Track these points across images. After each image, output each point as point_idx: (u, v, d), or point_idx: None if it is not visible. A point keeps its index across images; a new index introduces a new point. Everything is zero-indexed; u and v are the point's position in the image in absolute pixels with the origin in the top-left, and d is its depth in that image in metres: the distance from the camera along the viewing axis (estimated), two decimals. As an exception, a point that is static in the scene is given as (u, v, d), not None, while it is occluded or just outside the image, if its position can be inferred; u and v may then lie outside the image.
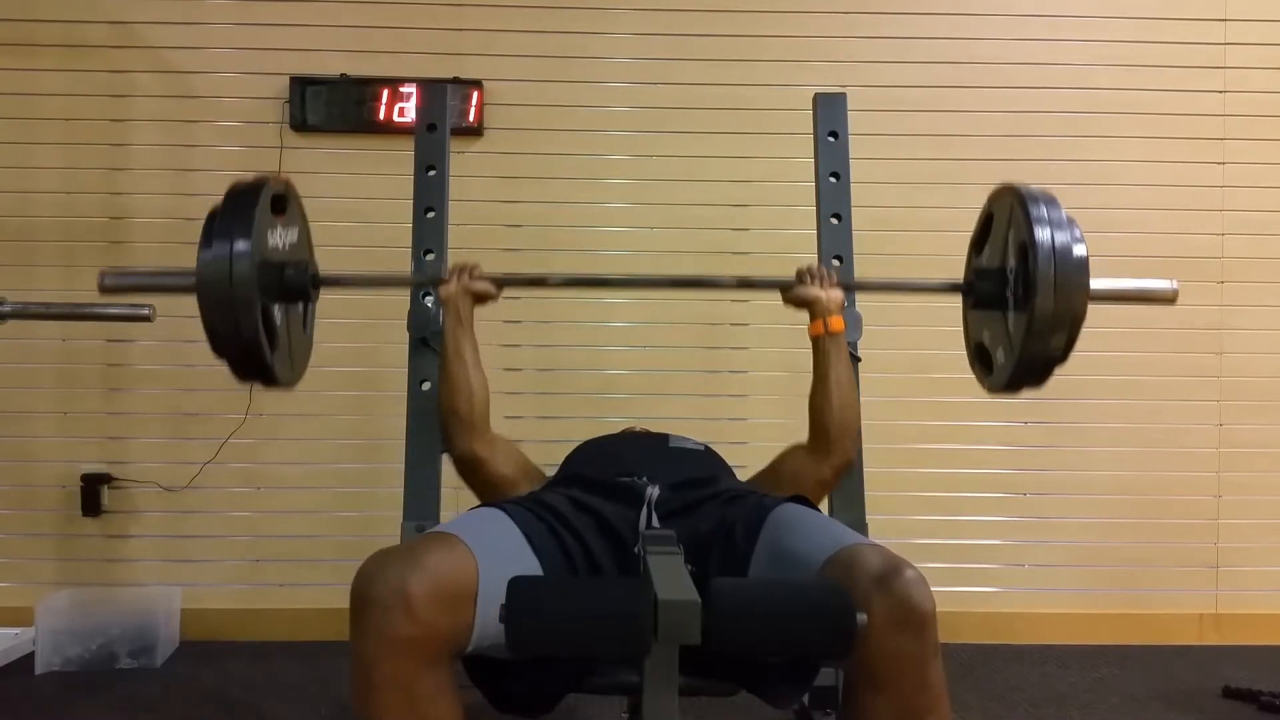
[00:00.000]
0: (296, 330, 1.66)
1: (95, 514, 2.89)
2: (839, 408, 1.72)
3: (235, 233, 1.39)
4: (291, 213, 1.62)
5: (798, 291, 1.77)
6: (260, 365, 1.45)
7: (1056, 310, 1.42)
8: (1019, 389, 1.57)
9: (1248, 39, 3.01)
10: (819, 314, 1.75)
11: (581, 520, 1.43)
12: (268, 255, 1.48)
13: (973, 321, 1.77)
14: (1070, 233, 1.48)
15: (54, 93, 2.92)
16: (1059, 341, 1.47)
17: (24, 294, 2.60)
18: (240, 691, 2.48)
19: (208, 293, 1.38)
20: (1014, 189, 1.56)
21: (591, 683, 1.37)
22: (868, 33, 3.01)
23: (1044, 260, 1.43)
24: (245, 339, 1.41)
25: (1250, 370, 3.02)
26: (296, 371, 1.65)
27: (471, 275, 1.75)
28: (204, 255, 1.39)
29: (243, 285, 1.37)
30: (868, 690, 1.16)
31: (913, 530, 2.90)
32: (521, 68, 2.97)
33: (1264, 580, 3.01)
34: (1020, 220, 1.51)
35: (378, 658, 1.11)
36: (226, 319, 1.38)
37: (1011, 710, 2.40)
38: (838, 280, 1.80)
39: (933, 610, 1.14)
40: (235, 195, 1.45)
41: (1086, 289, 1.47)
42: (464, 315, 1.74)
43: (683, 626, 0.99)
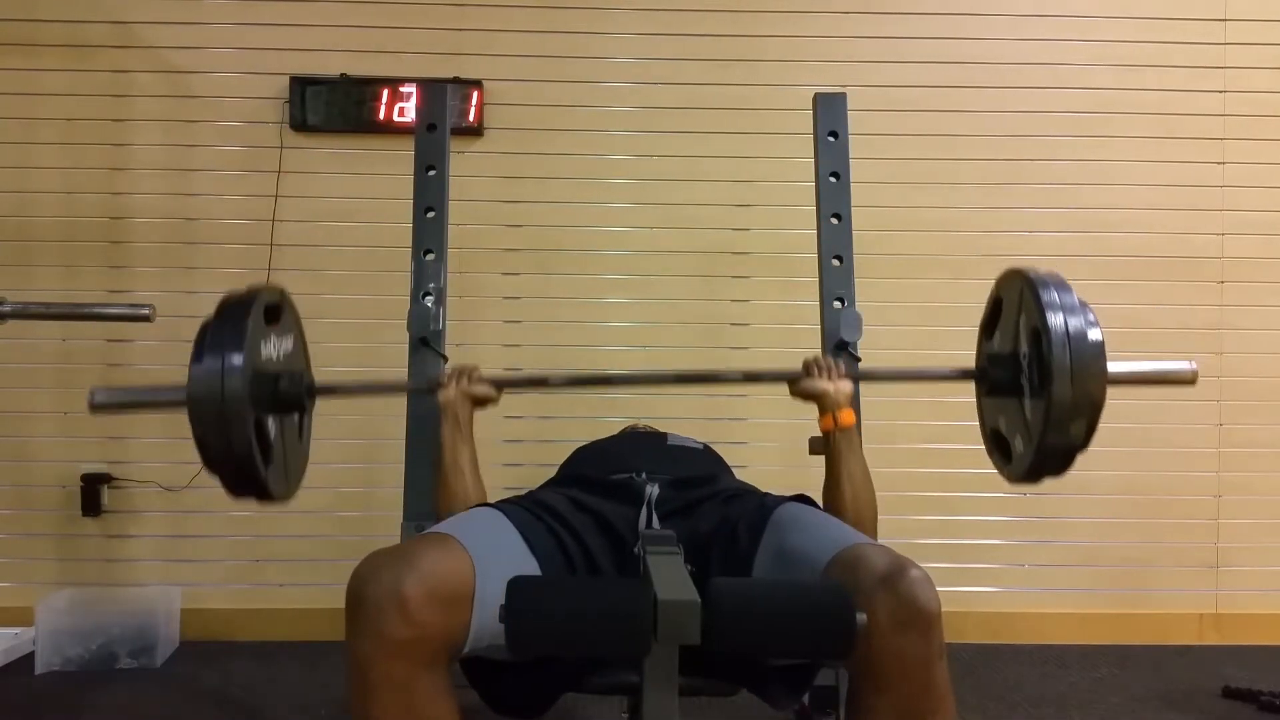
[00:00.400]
0: (292, 441, 1.60)
1: (95, 514, 2.89)
2: (853, 502, 1.67)
3: (227, 346, 1.34)
4: (286, 321, 1.57)
5: (805, 385, 1.72)
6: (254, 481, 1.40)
7: (1075, 398, 1.39)
8: (1040, 479, 1.52)
9: (1248, 39, 3.01)
10: (828, 408, 1.70)
11: (580, 520, 1.42)
12: (261, 367, 1.44)
13: (987, 409, 1.73)
14: (1084, 317, 1.45)
15: (55, 93, 2.92)
16: (1079, 429, 1.44)
17: (24, 294, 2.61)
18: (240, 691, 2.48)
19: (199, 409, 1.34)
20: (1022, 273, 1.53)
21: (591, 683, 1.37)
22: (867, 33, 3.01)
23: (1058, 347, 1.39)
24: (238, 456, 1.36)
25: (1250, 370, 3.02)
26: (292, 485, 1.61)
27: (470, 379, 1.70)
28: (195, 370, 1.35)
29: (235, 401, 1.33)
30: (871, 691, 1.15)
31: (913, 530, 2.90)
32: (521, 68, 2.97)
33: (1264, 580, 3.01)
34: (1031, 305, 1.47)
35: (373, 659, 1.11)
36: (219, 435, 1.34)
37: (1011, 710, 2.40)
38: (846, 371, 1.75)
39: (938, 610, 1.13)
40: (227, 307, 1.41)
41: (1104, 375, 1.44)
42: (463, 421, 1.68)
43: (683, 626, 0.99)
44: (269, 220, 2.91)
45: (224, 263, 2.91)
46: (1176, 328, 3.00)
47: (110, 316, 2.75)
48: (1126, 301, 3.00)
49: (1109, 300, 2.99)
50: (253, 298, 1.43)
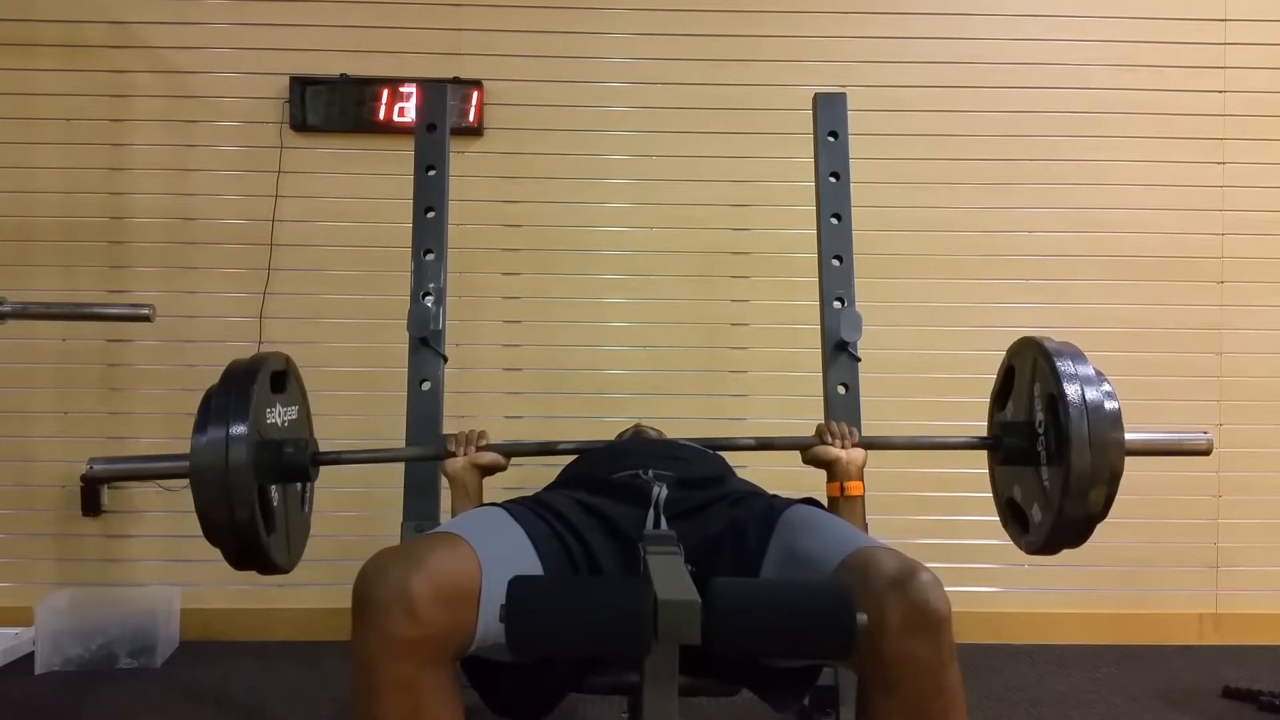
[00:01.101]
0: (294, 510, 1.59)
1: (95, 514, 2.89)
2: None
3: (232, 415, 1.33)
4: (291, 391, 1.56)
5: (818, 451, 1.73)
6: (257, 552, 1.41)
7: (1094, 466, 1.39)
8: (1058, 549, 1.52)
9: (1248, 39, 3.01)
10: (838, 476, 1.71)
11: (586, 522, 1.41)
12: (265, 435, 1.42)
13: (1001, 478, 1.72)
14: (1100, 387, 1.44)
15: (54, 93, 2.92)
16: (1098, 497, 1.43)
17: (24, 294, 2.61)
18: (240, 691, 2.48)
19: (201, 480, 1.33)
20: (1035, 342, 1.53)
21: (591, 683, 1.36)
22: (867, 33, 3.01)
23: (1075, 415, 1.39)
24: (240, 526, 1.35)
25: (1250, 370, 3.02)
26: (294, 555, 1.59)
27: (477, 447, 1.68)
28: (198, 439, 1.33)
29: (239, 472, 1.31)
30: (882, 694, 1.14)
31: (913, 530, 2.90)
32: (521, 68, 2.97)
33: (1264, 580, 3.01)
34: (1046, 373, 1.46)
35: (379, 658, 1.10)
36: (221, 506, 1.33)
37: (1011, 710, 2.40)
38: (858, 439, 1.76)
39: (948, 613, 1.12)
40: (232, 376, 1.39)
41: (1122, 444, 1.44)
42: (472, 492, 1.67)
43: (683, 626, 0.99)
44: (269, 220, 2.91)
45: (224, 263, 2.91)
46: (1176, 328, 3.00)
47: (110, 316, 2.75)
48: (1126, 301, 3.00)
49: (1109, 300, 2.99)
50: (258, 366, 1.41)
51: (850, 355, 2.02)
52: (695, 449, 1.75)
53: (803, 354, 1.80)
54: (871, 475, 1.95)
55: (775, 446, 1.83)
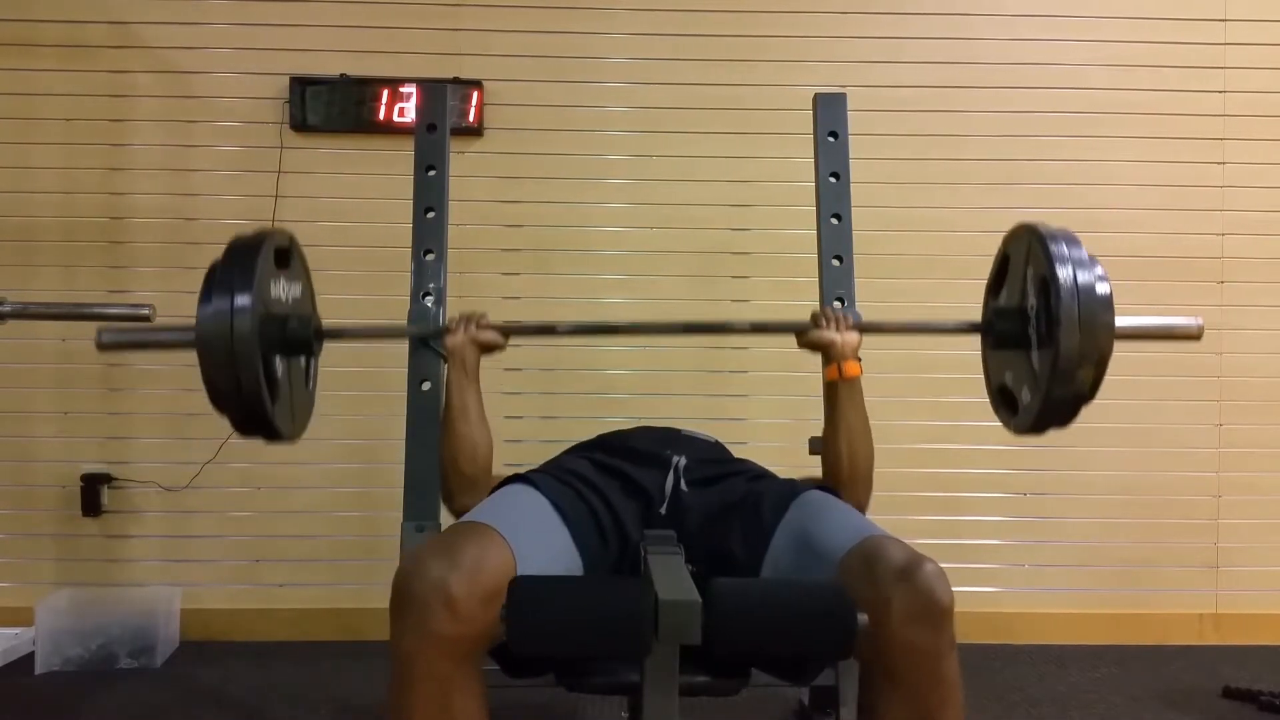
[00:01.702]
0: (298, 384, 1.62)
1: (95, 514, 2.89)
2: (849, 455, 1.69)
3: (237, 286, 1.35)
4: (295, 266, 1.59)
5: (813, 335, 1.74)
6: (262, 420, 1.43)
7: (1082, 348, 1.40)
8: (1045, 429, 1.53)
9: (1248, 39, 3.01)
10: (834, 358, 1.71)
11: (607, 482, 1.46)
12: (270, 308, 1.45)
13: (993, 363, 1.73)
14: (1093, 270, 1.45)
15: (54, 93, 2.92)
16: (1086, 378, 1.44)
17: (24, 294, 2.61)
18: (240, 691, 2.48)
19: (208, 348, 1.35)
20: (1031, 227, 1.53)
21: (591, 682, 1.37)
22: (867, 33, 3.01)
23: (1067, 296, 1.40)
24: (246, 394, 1.38)
25: (1250, 370, 3.02)
26: (298, 426, 1.61)
27: (478, 325, 1.71)
28: (204, 310, 1.35)
29: (244, 340, 1.34)
30: (883, 682, 1.18)
31: (913, 530, 2.86)
32: (521, 68, 2.97)
33: (1264, 580, 3.01)
34: (1040, 257, 1.47)
35: (418, 654, 1.13)
36: (227, 374, 1.35)
37: (1011, 710, 2.40)
38: (853, 323, 1.76)
39: (951, 604, 1.15)
40: (237, 248, 1.42)
41: (1112, 326, 1.44)
42: (470, 367, 1.70)
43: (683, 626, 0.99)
44: (269, 220, 2.90)
45: (224, 263, 2.91)
46: (1176, 328, 3.00)
47: (110, 316, 2.73)
48: (1126, 301, 2.97)
49: (1109, 300, 2.99)
50: (262, 240, 1.44)
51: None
52: (709, 441, 1.77)
53: (803, 354, 1.80)
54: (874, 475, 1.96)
55: (770, 329, 1.88)
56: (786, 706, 2.31)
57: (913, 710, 1.15)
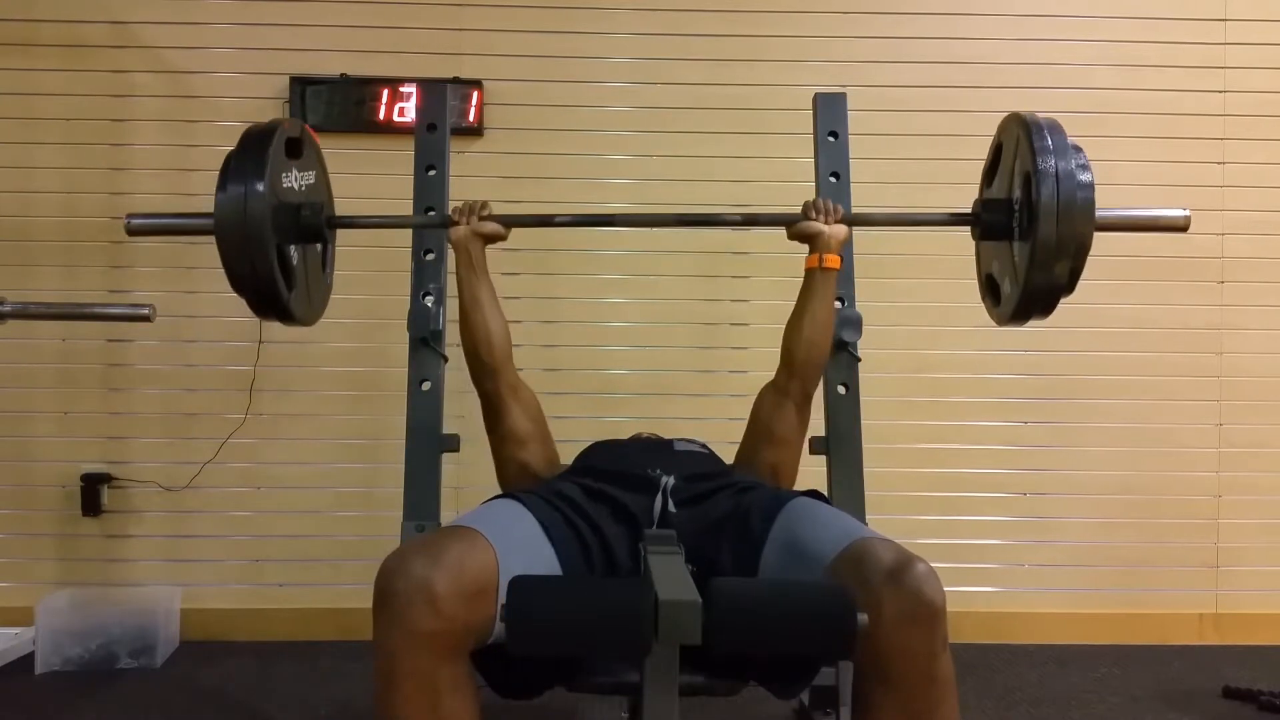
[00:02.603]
0: (315, 270, 1.69)
1: (95, 514, 2.89)
2: (807, 340, 1.74)
3: (249, 174, 1.42)
4: (308, 156, 1.65)
5: (801, 226, 1.78)
6: (277, 303, 1.50)
7: (1060, 238, 1.41)
8: (1025, 319, 1.57)
9: (1248, 39, 3.01)
10: (819, 248, 1.75)
11: (596, 508, 1.45)
12: (283, 196, 1.51)
13: (982, 253, 1.77)
14: (1074, 159, 1.45)
15: (54, 93, 2.92)
16: (1063, 270, 1.46)
17: (24, 294, 2.61)
18: (240, 691, 2.48)
19: (224, 232, 1.43)
20: (1020, 117, 1.54)
21: (591, 683, 1.37)
22: (867, 33, 3.01)
23: (1046, 188, 1.41)
24: (261, 277, 1.45)
25: (1250, 370, 3.02)
26: (315, 310, 1.70)
27: (479, 216, 1.76)
28: (220, 197, 1.44)
29: (256, 224, 1.41)
30: (877, 683, 1.17)
31: (913, 530, 2.89)
32: (521, 68, 2.97)
33: (1264, 580, 3.01)
34: (1025, 149, 1.49)
35: (402, 651, 1.13)
36: (242, 258, 1.43)
37: (1011, 710, 2.40)
38: (842, 215, 1.79)
39: (943, 604, 1.15)
40: (249, 139, 1.48)
41: (1091, 216, 1.45)
42: (476, 258, 1.75)
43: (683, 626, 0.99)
44: (269, 220, 2.90)
45: (224, 263, 2.91)
46: (1176, 328, 3.00)
47: (110, 316, 2.75)
48: (1127, 302, 3.00)
49: (1109, 300, 2.99)
50: (273, 129, 1.50)
51: (850, 355, 2.03)
52: (698, 452, 1.77)
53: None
54: (873, 475, 1.96)
55: (760, 222, 1.95)
56: (787, 706, 2.30)
57: (907, 711, 1.15)
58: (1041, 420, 2.98)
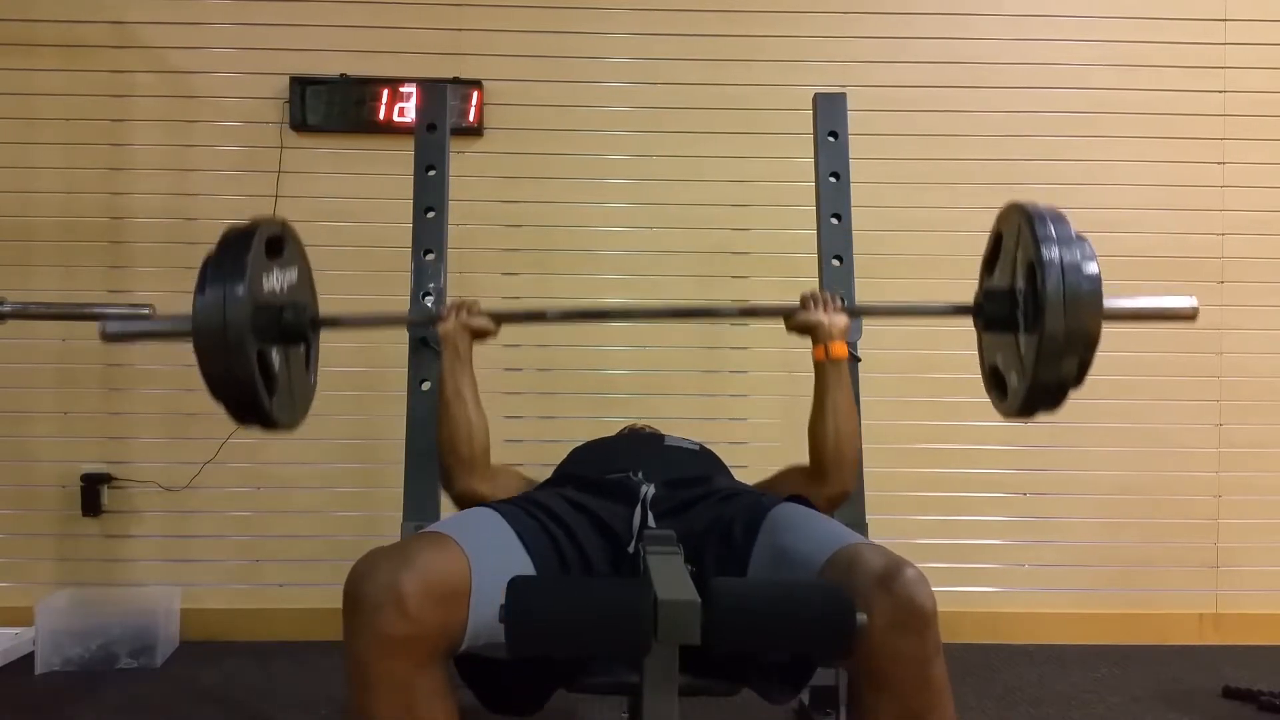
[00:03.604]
0: (298, 372, 1.63)
1: (95, 514, 2.89)
2: (835, 436, 1.67)
3: (228, 277, 1.37)
4: (290, 254, 1.59)
5: (800, 317, 1.74)
6: (257, 409, 1.44)
7: (1067, 332, 1.38)
8: (1033, 414, 1.53)
9: (1248, 39, 3.01)
10: (821, 339, 1.71)
11: (575, 519, 1.42)
12: (263, 299, 1.45)
13: (986, 344, 1.73)
14: (1080, 250, 1.43)
15: (54, 93, 2.92)
16: (1070, 365, 1.43)
17: (24, 294, 2.61)
18: (240, 691, 2.48)
19: (203, 338, 1.37)
20: (1021, 207, 1.52)
21: (591, 683, 1.37)
22: (867, 33, 3.01)
23: (1052, 281, 1.38)
24: (240, 384, 1.39)
25: (1250, 370, 3.02)
26: (298, 413, 1.62)
27: (470, 312, 1.74)
28: (198, 301, 1.37)
29: (236, 330, 1.35)
30: (871, 690, 1.16)
31: (913, 530, 2.90)
32: (521, 68, 2.97)
33: (1264, 580, 3.01)
34: (1028, 239, 1.47)
35: (372, 657, 1.11)
36: (220, 364, 1.37)
37: (1011, 710, 2.40)
38: (842, 306, 1.76)
39: (934, 609, 1.13)
40: (229, 240, 1.43)
41: (1099, 309, 1.42)
42: (463, 353, 1.72)
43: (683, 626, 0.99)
44: (269, 220, 2.91)
45: (224, 263, 2.91)
46: (1177, 328, 2.99)
47: (110, 317, 2.74)
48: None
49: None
50: (253, 230, 1.45)
51: (850, 355, 2.02)
52: (688, 449, 1.76)
53: (803, 354, 1.80)
54: (872, 475, 1.96)
55: (759, 313, 1.89)
56: (787, 706, 2.30)
57: (903, 717, 1.14)
58: (1041, 420, 2.96)
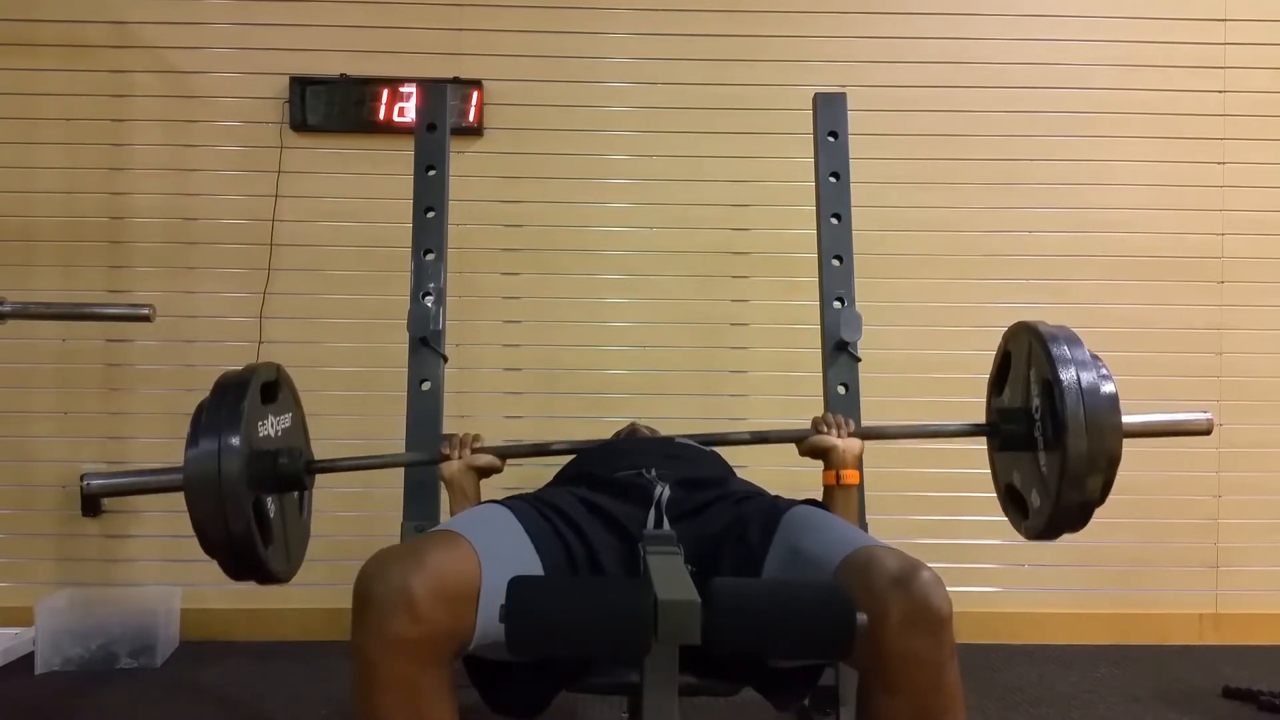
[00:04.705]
0: (292, 518, 1.59)
1: (95, 514, 2.89)
2: None
3: (223, 428, 1.33)
4: (284, 399, 1.56)
5: (814, 441, 1.74)
6: (254, 563, 1.41)
7: (1091, 451, 1.38)
8: (1058, 535, 1.53)
9: (1248, 39, 3.01)
10: (833, 464, 1.72)
11: (588, 519, 1.41)
12: (258, 446, 1.42)
13: (1000, 464, 1.72)
14: (1096, 371, 1.43)
15: (54, 93, 2.92)
16: (1095, 484, 1.42)
17: (24, 294, 2.61)
18: (240, 691, 2.48)
19: (195, 493, 1.33)
20: (1030, 327, 1.51)
21: (591, 683, 1.36)
22: (867, 33, 3.01)
23: (1072, 401, 1.38)
24: (236, 538, 1.35)
25: (1250, 370, 3.02)
26: (293, 563, 1.59)
27: (472, 449, 1.69)
28: (191, 453, 1.33)
29: (231, 483, 1.31)
30: (883, 692, 1.15)
31: (913, 530, 2.90)
32: (521, 68, 2.97)
33: (1264, 580, 3.01)
34: (1042, 359, 1.45)
35: (380, 657, 1.10)
36: (215, 519, 1.33)
37: (1011, 710, 2.40)
38: (854, 429, 1.77)
39: (949, 612, 1.13)
40: (223, 387, 1.40)
41: (1119, 428, 1.43)
42: (470, 495, 1.68)
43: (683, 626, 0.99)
44: (269, 220, 2.90)
45: (224, 263, 2.91)
46: (1177, 328, 3.00)
47: (110, 316, 2.75)
48: (1127, 302, 3.00)
49: (1109, 300, 2.99)
50: (249, 377, 1.42)
51: (850, 355, 2.03)
52: (694, 447, 1.75)
53: (803, 354, 1.80)
54: (871, 475, 1.96)
55: (771, 440, 1.84)
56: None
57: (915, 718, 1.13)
58: (1041, 420, 2.98)
